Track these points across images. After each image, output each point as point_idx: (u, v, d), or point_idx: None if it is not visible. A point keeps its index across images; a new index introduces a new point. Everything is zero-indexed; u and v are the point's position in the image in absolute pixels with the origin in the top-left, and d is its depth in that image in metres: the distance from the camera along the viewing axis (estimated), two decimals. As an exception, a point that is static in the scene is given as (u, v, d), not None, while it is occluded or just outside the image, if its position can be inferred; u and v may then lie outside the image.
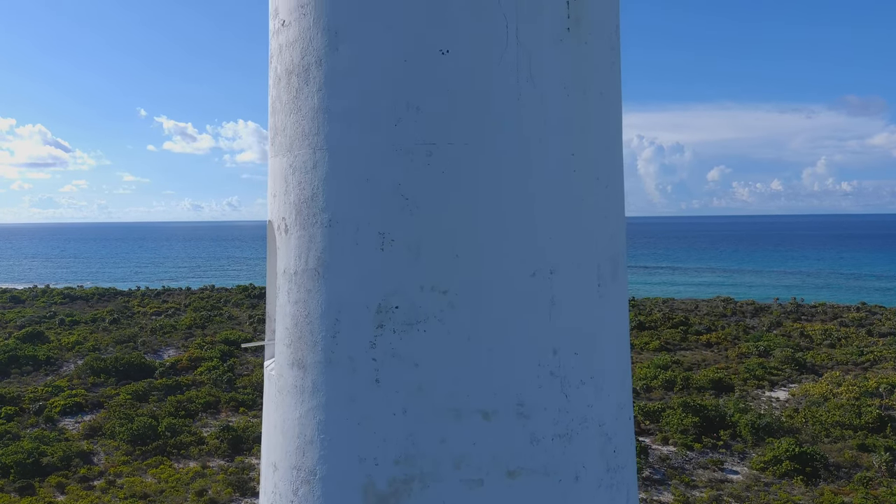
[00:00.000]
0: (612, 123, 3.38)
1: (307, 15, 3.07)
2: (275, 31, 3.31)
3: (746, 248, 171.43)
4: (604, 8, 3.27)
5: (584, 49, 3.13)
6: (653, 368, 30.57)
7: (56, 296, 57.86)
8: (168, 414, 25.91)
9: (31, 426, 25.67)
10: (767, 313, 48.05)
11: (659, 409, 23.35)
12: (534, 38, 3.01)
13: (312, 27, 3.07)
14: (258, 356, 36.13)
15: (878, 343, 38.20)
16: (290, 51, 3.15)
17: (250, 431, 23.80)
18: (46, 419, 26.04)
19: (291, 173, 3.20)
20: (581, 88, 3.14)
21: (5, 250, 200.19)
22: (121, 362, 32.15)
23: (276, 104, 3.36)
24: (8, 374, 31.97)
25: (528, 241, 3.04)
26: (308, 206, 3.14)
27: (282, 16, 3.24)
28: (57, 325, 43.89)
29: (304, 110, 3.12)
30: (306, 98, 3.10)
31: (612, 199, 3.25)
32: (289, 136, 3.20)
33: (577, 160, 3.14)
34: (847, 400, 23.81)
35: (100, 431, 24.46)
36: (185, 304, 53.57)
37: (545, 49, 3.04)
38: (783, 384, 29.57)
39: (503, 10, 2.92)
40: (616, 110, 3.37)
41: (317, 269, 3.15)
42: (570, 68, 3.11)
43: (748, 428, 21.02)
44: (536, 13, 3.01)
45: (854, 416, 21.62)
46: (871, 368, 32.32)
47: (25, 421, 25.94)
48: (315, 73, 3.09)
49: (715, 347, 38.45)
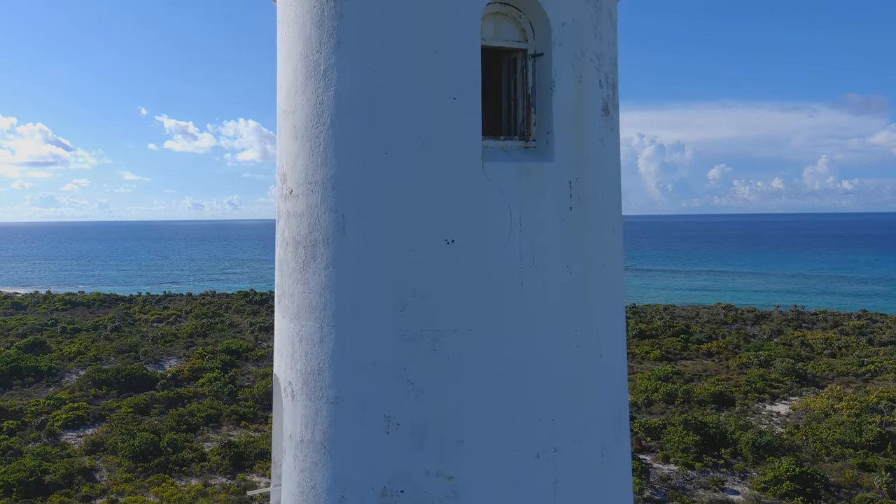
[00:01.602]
0: (614, 294, 3.42)
1: (315, 192, 3.10)
2: (283, 196, 3.35)
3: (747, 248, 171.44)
4: (606, 184, 3.33)
5: (586, 225, 3.18)
6: (653, 380, 30.59)
7: (57, 302, 57.92)
8: (170, 428, 25.94)
9: (34, 441, 25.71)
10: (768, 321, 48.08)
11: (660, 425, 23.40)
12: (536, 223, 3.06)
13: (320, 205, 3.10)
14: (259, 366, 36.15)
15: (879, 353, 38.23)
16: (298, 222, 3.19)
17: (252, 447, 23.84)
18: (48, 433, 26.09)
19: (298, 341, 3.22)
20: (583, 264, 3.18)
21: (7, 251, 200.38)
22: (122, 374, 32.19)
23: (283, 266, 3.40)
24: (10, 385, 32.01)
25: (533, 423, 3.06)
26: (315, 378, 3.16)
27: (290, 184, 3.28)
28: (58, 333, 43.93)
29: (312, 283, 3.15)
30: (313, 273, 3.13)
31: (614, 370, 3.28)
32: (296, 304, 3.22)
33: (580, 336, 3.17)
34: (847, 416, 23.84)
35: (102, 447, 24.49)
36: (186, 310, 53.65)
37: (548, 231, 3.09)
38: (784, 397, 29.60)
39: (506, 198, 2.95)
40: (618, 280, 3.40)
41: (323, 443, 3.18)
42: (573, 246, 3.15)
43: (749, 446, 21.07)
44: (539, 197, 3.05)
45: (854, 434, 21.66)
46: (871, 380, 32.35)
47: (27, 435, 25.99)
48: (322, 251, 3.12)
49: (716, 357, 38.47)
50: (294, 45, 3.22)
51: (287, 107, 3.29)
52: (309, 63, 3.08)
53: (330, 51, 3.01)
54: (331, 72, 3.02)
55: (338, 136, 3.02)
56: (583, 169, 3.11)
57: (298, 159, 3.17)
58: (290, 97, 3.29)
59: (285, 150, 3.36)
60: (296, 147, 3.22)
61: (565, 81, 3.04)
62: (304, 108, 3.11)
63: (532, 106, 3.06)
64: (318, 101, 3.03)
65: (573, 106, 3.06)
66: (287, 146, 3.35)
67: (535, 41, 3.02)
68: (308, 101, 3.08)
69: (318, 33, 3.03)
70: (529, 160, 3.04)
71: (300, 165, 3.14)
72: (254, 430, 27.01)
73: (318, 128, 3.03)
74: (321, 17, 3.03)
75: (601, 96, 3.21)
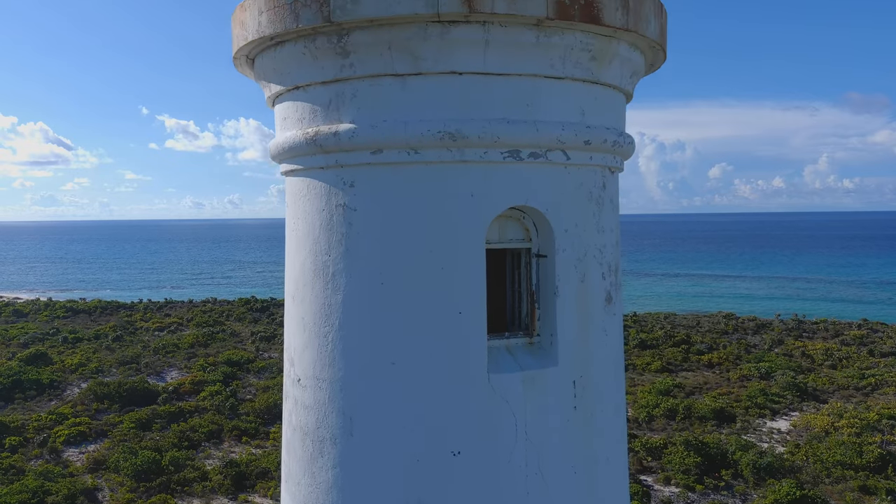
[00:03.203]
0: (618, 488, 3.40)
1: (323, 390, 3.13)
2: (291, 380, 3.36)
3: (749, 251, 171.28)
4: (609, 373, 3.33)
5: (589, 420, 3.18)
6: (654, 395, 30.62)
7: (59, 309, 57.97)
8: (171, 445, 26.00)
9: (36, 458, 25.77)
10: (769, 330, 48.09)
11: (661, 444, 23.42)
12: (542, 429, 3.07)
13: (328, 404, 3.12)
14: (261, 378, 36.22)
15: (880, 364, 38.24)
16: (306, 413, 3.20)
17: (253, 466, 23.89)
18: (51, 450, 26.14)
19: None
20: (588, 461, 3.18)
21: (8, 252, 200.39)
22: (124, 387, 32.25)
23: (290, 448, 3.40)
24: (12, 399, 32.06)
25: None
26: None
27: (297, 372, 3.29)
28: (60, 342, 44.00)
29: (319, 479, 3.16)
30: (321, 469, 3.15)
31: None
32: (303, 494, 3.22)
33: None
34: (848, 436, 23.85)
35: (104, 465, 24.55)
36: (187, 318, 53.70)
37: (553, 435, 3.10)
38: (785, 412, 29.63)
39: (512, 408, 2.99)
40: (622, 471, 3.41)
41: None
42: (577, 446, 3.16)
43: (750, 468, 21.09)
44: (544, 402, 3.06)
45: (855, 456, 21.66)
46: (872, 394, 32.38)
47: (30, 452, 26.03)
48: (330, 449, 3.13)
49: (716, 368, 38.50)
50: (303, 239, 3.25)
51: (295, 294, 3.31)
52: (318, 263, 3.11)
53: (339, 256, 3.04)
54: (339, 277, 3.05)
55: (346, 339, 3.04)
56: (587, 366, 3.14)
57: (306, 352, 3.19)
58: (299, 287, 3.31)
59: (293, 335, 3.36)
60: (304, 338, 3.24)
61: (569, 284, 3.08)
62: (312, 303, 3.14)
63: (536, 302, 3.11)
64: (327, 302, 3.07)
65: (577, 305, 3.11)
66: (295, 333, 3.35)
67: (539, 241, 3.06)
68: (316, 298, 3.11)
69: (326, 237, 3.07)
70: (534, 366, 3.07)
71: (308, 358, 3.16)
72: (255, 447, 27.07)
73: (326, 327, 3.06)
74: (330, 222, 3.06)
75: (604, 287, 3.25)
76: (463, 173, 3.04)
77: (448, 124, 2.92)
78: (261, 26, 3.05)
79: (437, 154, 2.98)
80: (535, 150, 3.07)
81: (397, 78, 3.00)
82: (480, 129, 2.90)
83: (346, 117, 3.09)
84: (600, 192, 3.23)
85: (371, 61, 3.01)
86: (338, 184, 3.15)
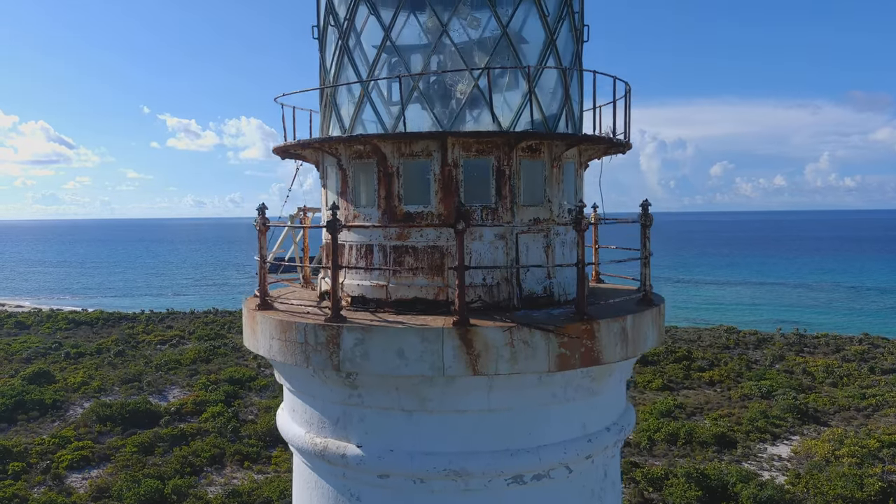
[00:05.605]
0: None
1: None
2: None
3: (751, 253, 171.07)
4: None
5: None
6: (655, 417, 30.63)
7: (61, 321, 58.07)
8: (174, 471, 26.10)
9: (39, 484, 25.88)
10: (770, 344, 48.10)
11: (662, 475, 23.47)
12: None
13: None
14: (262, 397, 36.28)
15: (881, 382, 38.27)
16: None
17: (256, 495, 23.97)
18: (54, 476, 26.25)
19: None
20: None
21: (10, 254, 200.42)
22: (126, 408, 32.36)
23: None
24: (14, 420, 32.16)
25: None
26: None
27: None
28: (62, 358, 44.12)
29: None
30: None
31: None
32: None
33: None
34: (849, 466, 23.89)
35: (107, 492, 24.64)
36: (189, 330, 53.81)
37: None
38: (785, 437, 29.69)
39: None
40: None
41: None
42: None
43: (750, 501, 21.15)
44: None
45: (856, 488, 21.72)
46: (873, 415, 32.42)
47: (32, 479, 26.13)
48: None
49: (718, 386, 38.49)
50: None
51: None
52: None
53: None
54: None
55: None
56: None
57: None
58: None
59: None
60: None
61: None
62: None
63: None
64: None
65: None
66: None
67: None
68: None
69: None
70: None
71: None
72: (257, 472, 27.15)
73: None
74: None
75: None
76: (468, 499, 3.16)
77: (453, 461, 3.01)
78: (272, 350, 3.27)
79: (443, 485, 3.06)
80: (538, 472, 3.15)
81: (404, 412, 3.05)
82: (485, 464, 3.01)
83: (354, 438, 3.20)
84: (601, 483, 3.32)
85: (379, 397, 3.08)
86: (344, 493, 3.32)
